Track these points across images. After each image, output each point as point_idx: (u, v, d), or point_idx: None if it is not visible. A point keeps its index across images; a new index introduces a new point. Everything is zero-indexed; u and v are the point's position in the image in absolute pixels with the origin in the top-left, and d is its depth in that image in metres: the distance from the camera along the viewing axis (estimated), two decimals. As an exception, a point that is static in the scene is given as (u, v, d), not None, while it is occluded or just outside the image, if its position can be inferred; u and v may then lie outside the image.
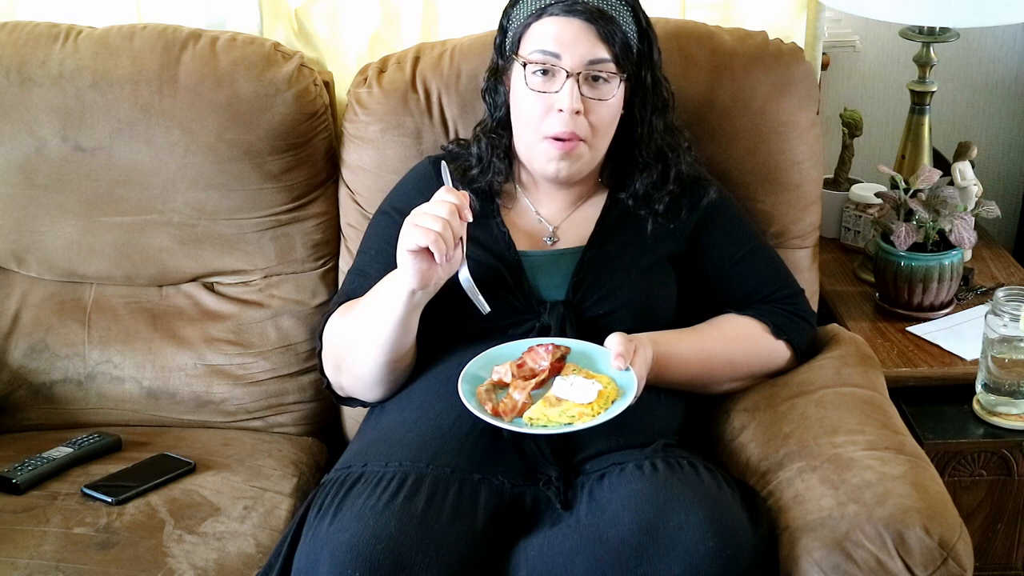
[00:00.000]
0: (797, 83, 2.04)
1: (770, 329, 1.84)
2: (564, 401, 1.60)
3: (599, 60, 1.73)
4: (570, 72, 1.72)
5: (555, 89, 1.73)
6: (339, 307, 1.83)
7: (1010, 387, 1.99)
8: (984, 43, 2.66)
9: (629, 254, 1.81)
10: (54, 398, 2.09)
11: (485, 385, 1.64)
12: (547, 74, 1.73)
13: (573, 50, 1.72)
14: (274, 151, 2.06)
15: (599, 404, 1.59)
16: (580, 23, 1.72)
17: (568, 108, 1.71)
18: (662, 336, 1.76)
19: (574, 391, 1.61)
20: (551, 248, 1.84)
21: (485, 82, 1.86)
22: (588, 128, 1.74)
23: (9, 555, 1.68)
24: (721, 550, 1.46)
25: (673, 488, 1.53)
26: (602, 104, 1.74)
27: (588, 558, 1.48)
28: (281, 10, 2.28)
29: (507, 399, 1.62)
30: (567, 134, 1.73)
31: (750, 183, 2.03)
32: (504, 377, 1.64)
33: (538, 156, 1.78)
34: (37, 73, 2.05)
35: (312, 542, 1.53)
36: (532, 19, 1.76)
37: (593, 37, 1.72)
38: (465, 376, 1.64)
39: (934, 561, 1.48)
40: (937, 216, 2.16)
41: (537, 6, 1.76)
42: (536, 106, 1.74)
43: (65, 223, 2.10)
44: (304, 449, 2.05)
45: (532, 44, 1.75)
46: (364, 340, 1.73)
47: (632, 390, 1.62)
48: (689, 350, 1.77)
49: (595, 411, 1.59)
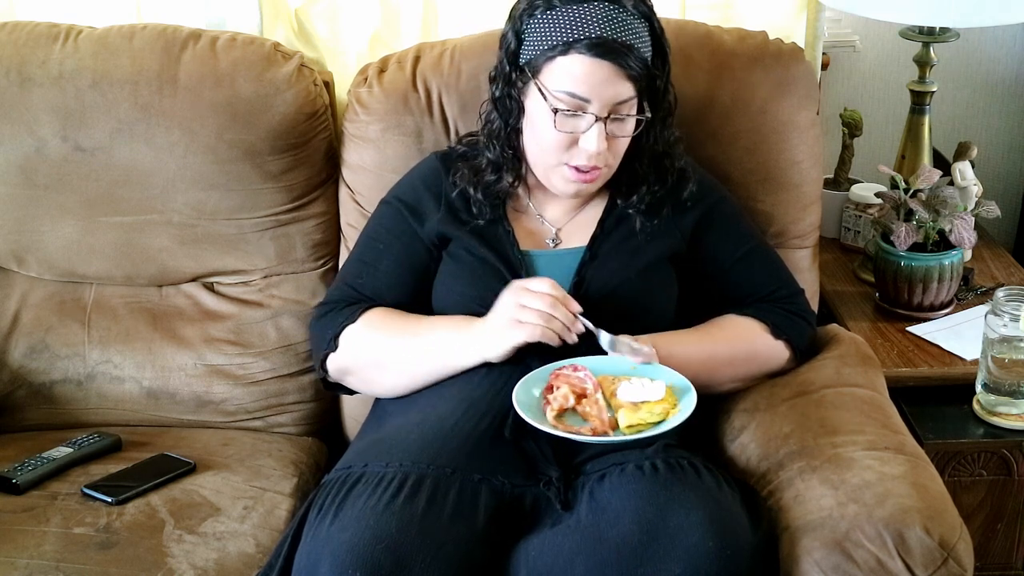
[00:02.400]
0: (797, 83, 2.04)
1: (770, 329, 1.84)
2: (643, 403, 1.62)
3: (625, 100, 1.70)
4: (599, 116, 1.70)
5: (581, 129, 1.71)
6: (362, 314, 1.82)
7: (1010, 387, 1.99)
8: (984, 43, 2.66)
9: (630, 254, 1.81)
10: (54, 398, 2.09)
11: (553, 413, 1.63)
12: (574, 115, 1.71)
13: (602, 94, 1.68)
14: (274, 151, 2.06)
15: (670, 396, 1.63)
16: (609, 65, 1.67)
17: (595, 151, 1.71)
18: (662, 338, 1.76)
19: (645, 391, 1.63)
20: (554, 249, 1.84)
21: (499, 90, 1.80)
22: (612, 158, 1.75)
23: (9, 555, 1.68)
24: (721, 550, 1.46)
25: (673, 488, 1.53)
26: (624, 135, 1.74)
27: (588, 558, 1.47)
28: (281, 10, 2.28)
29: (593, 419, 1.62)
30: (588, 173, 1.74)
31: (750, 183, 2.03)
32: (565, 403, 1.64)
33: (557, 178, 1.77)
34: (37, 73, 2.05)
35: (313, 542, 1.53)
36: (557, 52, 1.69)
37: (619, 77, 1.68)
38: (521, 406, 1.62)
39: (934, 561, 1.48)
40: (937, 216, 2.16)
41: (563, 39, 1.68)
42: (562, 139, 1.72)
43: (65, 223, 2.10)
44: (304, 449, 2.05)
45: (557, 81, 1.70)
46: (402, 368, 1.77)
47: (681, 377, 1.66)
48: (689, 351, 1.77)
49: (672, 402, 1.62)
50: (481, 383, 1.71)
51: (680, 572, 1.45)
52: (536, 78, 1.72)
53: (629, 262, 1.80)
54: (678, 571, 1.45)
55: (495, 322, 1.69)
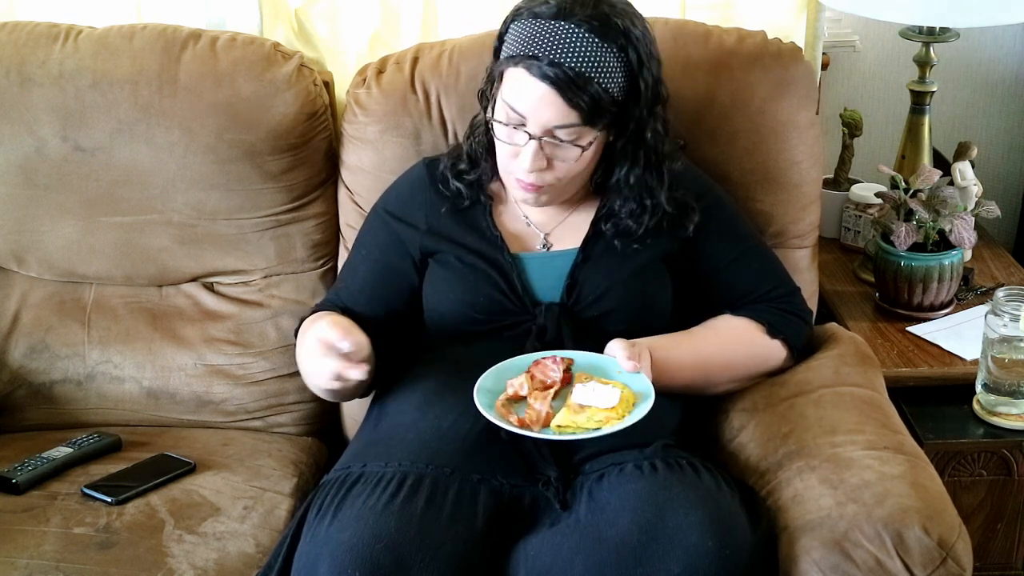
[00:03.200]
0: (796, 83, 2.04)
1: (766, 329, 1.83)
2: (588, 407, 1.60)
3: (565, 125, 1.66)
4: (532, 135, 1.67)
5: (519, 143, 1.69)
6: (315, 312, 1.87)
7: (1010, 387, 1.99)
8: (984, 43, 2.66)
9: (623, 256, 1.80)
10: (54, 398, 2.09)
11: (501, 399, 1.64)
12: (513, 127, 1.69)
13: (538, 114, 1.66)
14: (274, 151, 2.06)
15: (622, 408, 1.60)
16: (548, 89, 1.63)
17: (527, 169, 1.69)
18: (658, 341, 1.75)
19: (596, 397, 1.61)
20: (545, 252, 1.83)
21: (483, 83, 1.82)
22: (553, 178, 1.72)
23: (9, 555, 1.68)
24: (720, 550, 1.46)
25: (672, 488, 1.54)
26: (567, 159, 1.70)
27: (587, 558, 1.48)
28: (281, 10, 2.28)
29: (530, 411, 1.62)
30: (530, 186, 1.72)
31: (749, 183, 2.03)
32: (520, 390, 1.64)
33: (511, 185, 1.78)
34: (37, 73, 2.05)
35: (312, 542, 1.53)
36: (511, 63, 1.68)
37: (560, 103, 1.64)
38: (479, 390, 1.64)
39: (933, 561, 1.48)
40: (937, 216, 2.16)
41: (520, 50, 1.66)
42: (504, 148, 1.72)
43: (65, 223, 2.10)
44: (304, 449, 2.05)
45: (505, 91, 1.69)
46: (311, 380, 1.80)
47: (650, 391, 1.63)
48: (686, 355, 1.77)
49: (620, 414, 1.60)
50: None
51: (679, 572, 1.45)
52: (497, 83, 1.72)
53: (622, 264, 1.79)
54: (677, 571, 1.45)
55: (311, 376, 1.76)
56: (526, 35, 1.67)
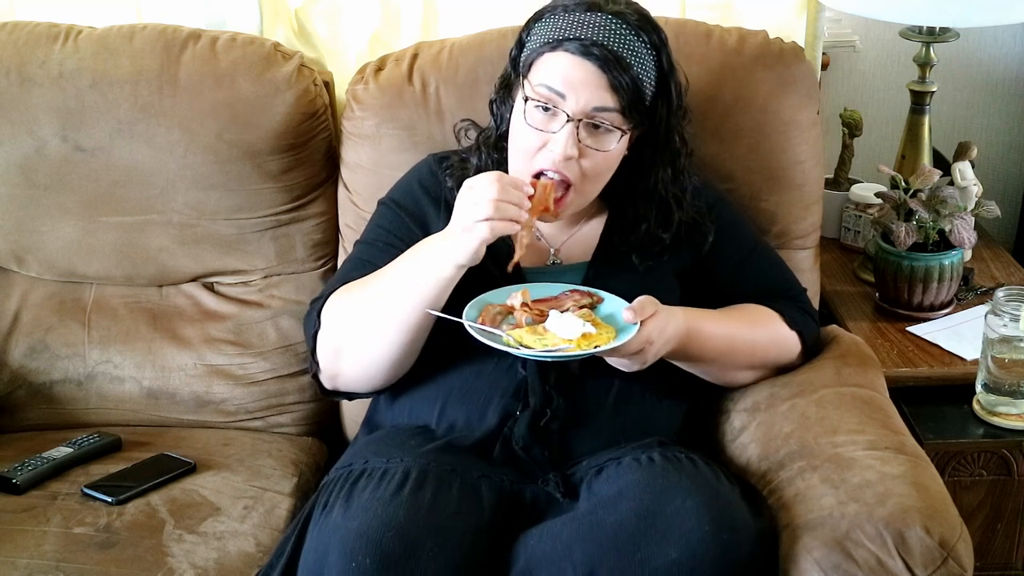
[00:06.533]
0: (798, 82, 2.04)
1: (786, 320, 1.83)
2: (549, 333, 1.60)
3: (604, 108, 1.65)
4: (571, 116, 1.65)
5: (553, 129, 1.67)
6: (337, 289, 1.78)
7: (1010, 387, 1.99)
8: (984, 43, 2.66)
9: (634, 270, 1.79)
10: (54, 398, 2.09)
11: (497, 308, 1.64)
12: (548, 111, 1.67)
13: (579, 93, 1.64)
14: (274, 151, 2.06)
15: (582, 344, 1.59)
16: (592, 67, 1.64)
17: (561, 154, 1.65)
18: (692, 311, 1.74)
19: (562, 326, 1.60)
20: (555, 267, 1.82)
21: (495, 92, 1.80)
22: (579, 173, 1.68)
23: (9, 555, 1.68)
24: (718, 534, 1.46)
25: (670, 477, 1.54)
26: (599, 153, 1.69)
27: (586, 544, 1.48)
28: (281, 10, 2.28)
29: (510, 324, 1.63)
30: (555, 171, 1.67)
31: (754, 181, 2.03)
32: (514, 302, 1.64)
33: None
34: (37, 73, 2.05)
35: (320, 533, 1.53)
36: (547, 48, 1.67)
37: (603, 83, 1.64)
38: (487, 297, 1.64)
39: (934, 561, 1.48)
40: (937, 216, 2.16)
41: (555, 36, 1.66)
42: (532, 139, 1.68)
43: (65, 223, 2.10)
44: (304, 449, 2.05)
45: (541, 75, 1.67)
46: (387, 319, 1.68)
47: (624, 342, 1.59)
48: (717, 327, 1.76)
49: (575, 349, 1.59)
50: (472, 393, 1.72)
51: (676, 556, 1.45)
52: (526, 77, 1.70)
53: (632, 278, 1.77)
54: (675, 555, 1.45)
55: (455, 227, 1.62)
56: (560, 26, 1.67)
